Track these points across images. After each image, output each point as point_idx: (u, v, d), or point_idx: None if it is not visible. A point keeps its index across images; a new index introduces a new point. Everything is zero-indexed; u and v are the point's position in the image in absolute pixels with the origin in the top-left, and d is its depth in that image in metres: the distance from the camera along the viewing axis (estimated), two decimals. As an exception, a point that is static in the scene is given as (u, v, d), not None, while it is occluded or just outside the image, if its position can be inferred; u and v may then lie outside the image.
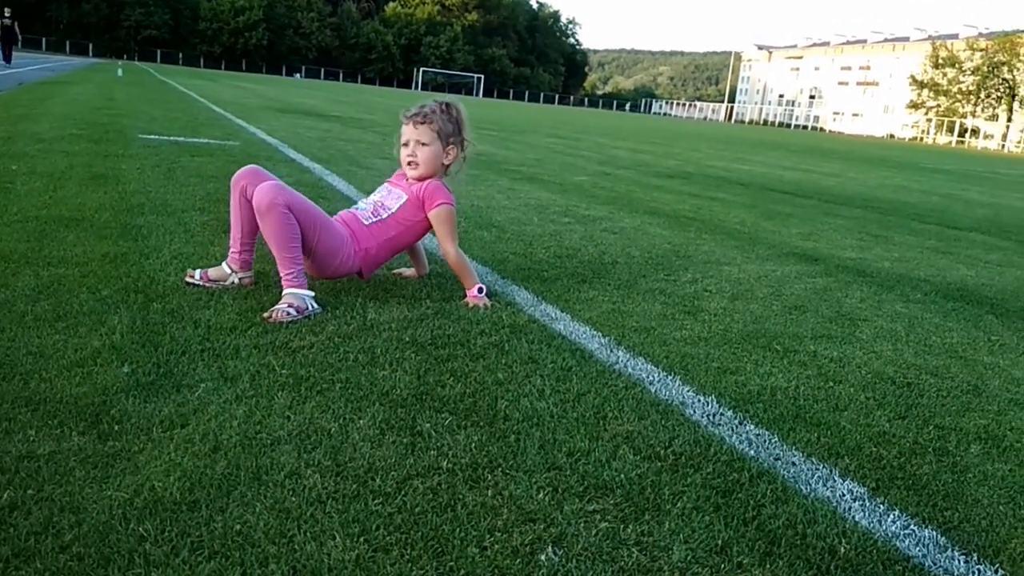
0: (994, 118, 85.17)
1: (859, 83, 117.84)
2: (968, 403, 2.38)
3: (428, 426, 1.88)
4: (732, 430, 2.00)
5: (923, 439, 2.07)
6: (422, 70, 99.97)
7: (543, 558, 1.41)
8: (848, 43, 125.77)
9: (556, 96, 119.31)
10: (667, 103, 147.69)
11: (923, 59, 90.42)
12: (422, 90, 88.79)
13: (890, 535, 1.59)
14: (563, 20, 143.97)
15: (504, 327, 2.67)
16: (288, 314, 2.55)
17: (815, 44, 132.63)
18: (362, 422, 1.88)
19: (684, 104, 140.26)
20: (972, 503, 1.77)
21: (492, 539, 1.46)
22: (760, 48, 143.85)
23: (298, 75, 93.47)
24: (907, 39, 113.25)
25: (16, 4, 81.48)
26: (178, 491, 1.52)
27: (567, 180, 7.62)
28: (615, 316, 2.92)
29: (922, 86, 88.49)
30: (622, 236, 4.65)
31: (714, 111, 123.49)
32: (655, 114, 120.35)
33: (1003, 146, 76.41)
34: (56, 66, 32.07)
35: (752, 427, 2.03)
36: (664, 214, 5.81)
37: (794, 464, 1.85)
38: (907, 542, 1.57)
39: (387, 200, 2.98)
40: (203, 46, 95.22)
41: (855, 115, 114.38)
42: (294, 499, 1.53)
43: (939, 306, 3.60)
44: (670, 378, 2.32)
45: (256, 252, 2.91)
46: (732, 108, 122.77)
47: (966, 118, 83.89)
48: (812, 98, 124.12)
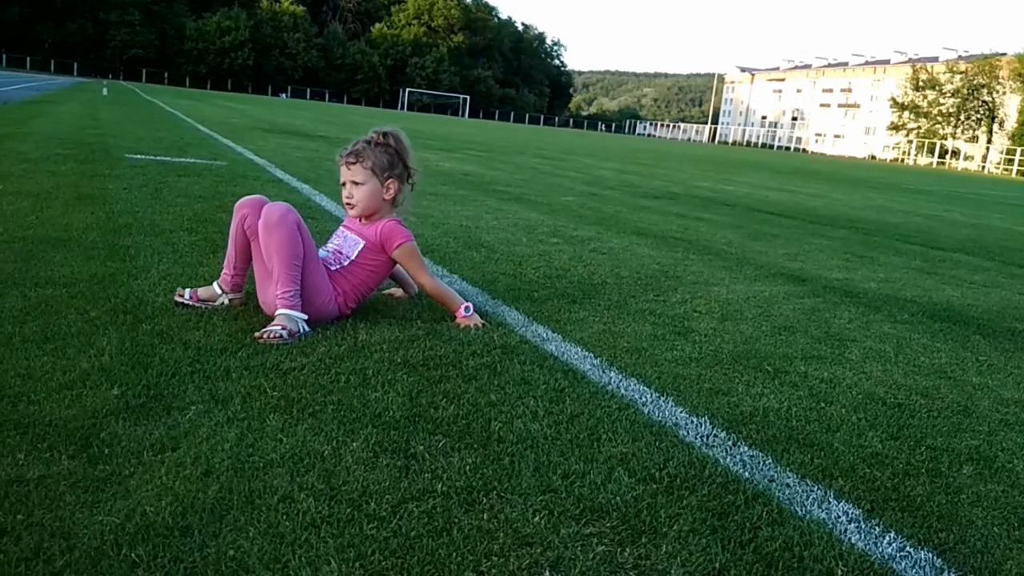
0: (974, 140, 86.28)
1: (840, 105, 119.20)
2: (959, 424, 2.39)
3: (422, 448, 1.87)
4: (726, 452, 2.00)
5: (916, 460, 2.08)
6: (408, 91, 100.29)
7: (541, 582, 1.40)
8: (829, 66, 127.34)
9: (541, 117, 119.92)
10: (651, 124, 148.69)
11: (904, 81, 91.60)
12: (408, 110, 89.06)
13: (887, 557, 1.59)
14: (548, 42, 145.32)
15: (496, 348, 2.67)
16: (280, 336, 2.54)
17: (797, 67, 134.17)
18: (355, 445, 1.86)
19: (668, 125, 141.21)
20: (966, 524, 1.77)
21: (489, 563, 1.44)
22: (743, 70, 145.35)
23: (284, 95, 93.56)
24: (888, 62, 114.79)
25: (1, 24, 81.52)
26: (170, 516, 1.50)
27: (554, 200, 7.64)
28: (606, 337, 2.92)
29: (903, 108, 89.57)
30: (611, 256, 4.66)
31: (698, 132, 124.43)
32: (639, 135, 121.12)
33: (983, 167, 77.34)
34: (41, 85, 31.98)
35: (746, 448, 2.03)
36: (652, 234, 5.83)
37: (788, 486, 1.85)
38: (903, 564, 1.57)
39: (344, 247, 2.92)
40: (189, 66, 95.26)
41: (837, 136, 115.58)
42: (288, 523, 1.51)
43: (927, 327, 3.63)
44: (663, 399, 2.32)
45: (248, 274, 2.90)
46: (716, 129, 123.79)
47: (946, 140, 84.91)
48: (794, 120, 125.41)
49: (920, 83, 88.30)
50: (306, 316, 2.66)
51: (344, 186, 2.93)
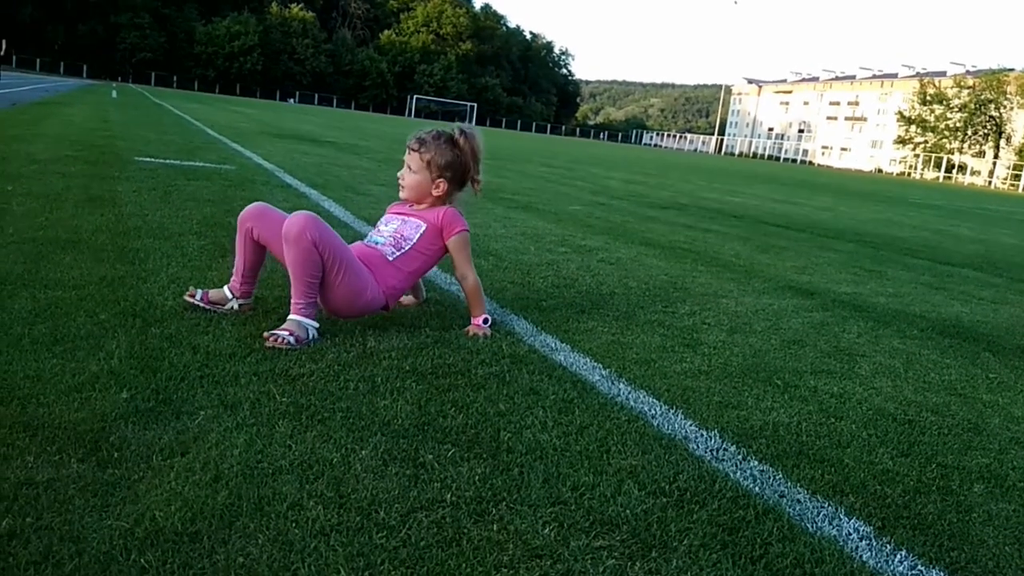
0: (981, 155, 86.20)
1: (847, 118, 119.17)
2: (969, 441, 2.38)
3: (431, 457, 1.86)
4: (736, 466, 1.99)
5: (926, 478, 2.06)
6: (416, 97, 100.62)
7: (551, 595, 1.39)
8: (837, 79, 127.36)
9: (548, 126, 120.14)
10: (658, 134, 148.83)
11: (911, 95, 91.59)
12: (415, 117, 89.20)
13: (898, 576, 1.58)
14: (556, 51, 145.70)
15: (504, 357, 2.66)
16: (288, 342, 2.53)
17: (804, 79, 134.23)
18: (364, 452, 1.86)
19: (675, 136, 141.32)
20: (978, 544, 1.76)
21: (499, 575, 1.44)
22: (750, 82, 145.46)
23: (292, 100, 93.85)
24: (895, 76, 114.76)
25: (11, 25, 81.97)
26: (179, 521, 1.50)
27: (562, 209, 7.64)
28: (615, 348, 2.91)
29: (910, 122, 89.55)
30: (619, 267, 4.66)
31: (704, 143, 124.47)
32: (646, 145, 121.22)
33: (990, 182, 77.23)
34: (50, 87, 32.12)
35: (756, 463, 2.02)
36: (660, 245, 5.82)
37: (799, 501, 1.84)
38: (916, 583, 1.56)
39: (406, 231, 2.94)
40: (198, 69, 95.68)
41: (843, 150, 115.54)
42: (297, 531, 1.51)
43: (936, 343, 3.61)
44: (672, 412, 2.31)
45: (262, 274, 2.90)
46: (722, 141, 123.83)
47: (953, 154, 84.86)
48: (801, 132, 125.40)
49: (927, 97, 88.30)
50: (317, 324, 2.65)
51: (403, 166, 3.01)
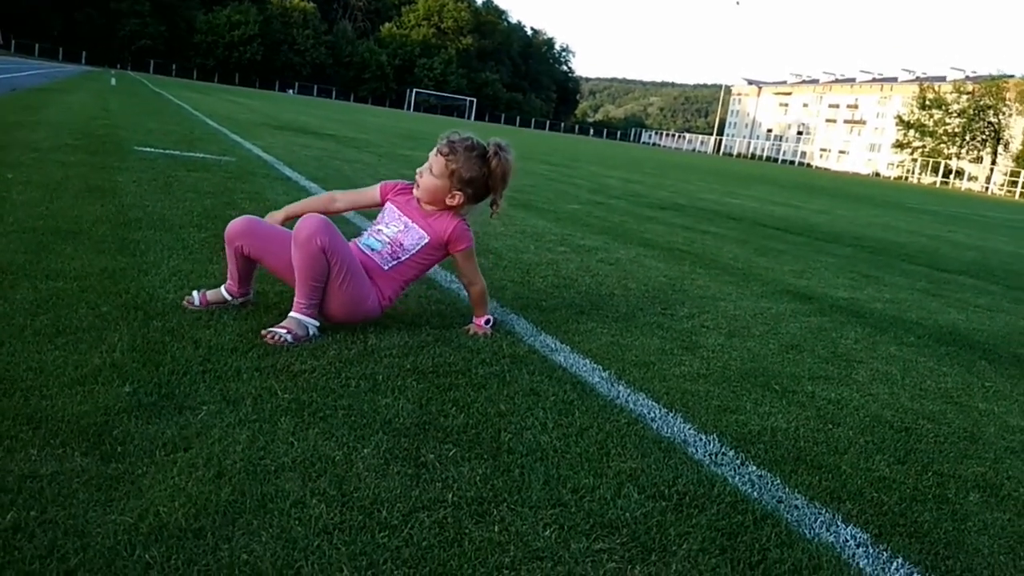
0: (978, 160, 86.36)
1: (846, 121, 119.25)
2: (965, 450, 2.39)
3: (432, 457, 1.87)
4: (734, 471, 2.01)
5: (923, 486, 2.08)
6: (415, 91, 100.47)
7: (552, 598, 1.40)
8: (836, 81, 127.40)
9: (547, 122, 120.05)
10: (656, 133, 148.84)
11: (910, 100, 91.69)
12: (415, 111, 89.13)
13: (894, 584, 1.59)
14: (557, 47, 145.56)
15: (504, 357, 2.67)
16: (284, 339, 2.54)
17: (804, 81, 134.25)
18: (366, 451, 1.87)
19: (673, 135, 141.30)
20: (973, 552, 1.77)
21: (500, 576, 1.45)
22: (750, 83, 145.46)
23: (291, 91, 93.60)
24: (895, 80, 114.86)
25: (9, 10, 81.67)
26: (183, 517, 1.50)
27: (561, 208, 7.65)
28: (614, 349, 2.92)
29: (908, 126, 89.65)
30: (618, 267, 4.67)
31: (703, 143, 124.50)
32: (644, 144, 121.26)
33: (986, 188, 77.42)
34: (49, 73, 32.01)
35: (754, 468, 2.04)
36: (658, 246, 5.84)
37: (797, 508, 1.85)
38: (911, 591, 1.58)
39: (406, 240, 2.87)
40: (197, 58, 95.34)
41: (842, 152, 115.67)
42: (300, 529, 1.52)
43: (932, 350, 3.63)
44: (671, 415, 2.32)
45: (258, 271, 2.90)
46: (720, 141, 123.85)
47: (951, 159, 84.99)
48: (800, 134, 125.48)
49: (927, 102, 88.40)
50: (317, 323, 2.66)
51: (426, 163, 2.87)
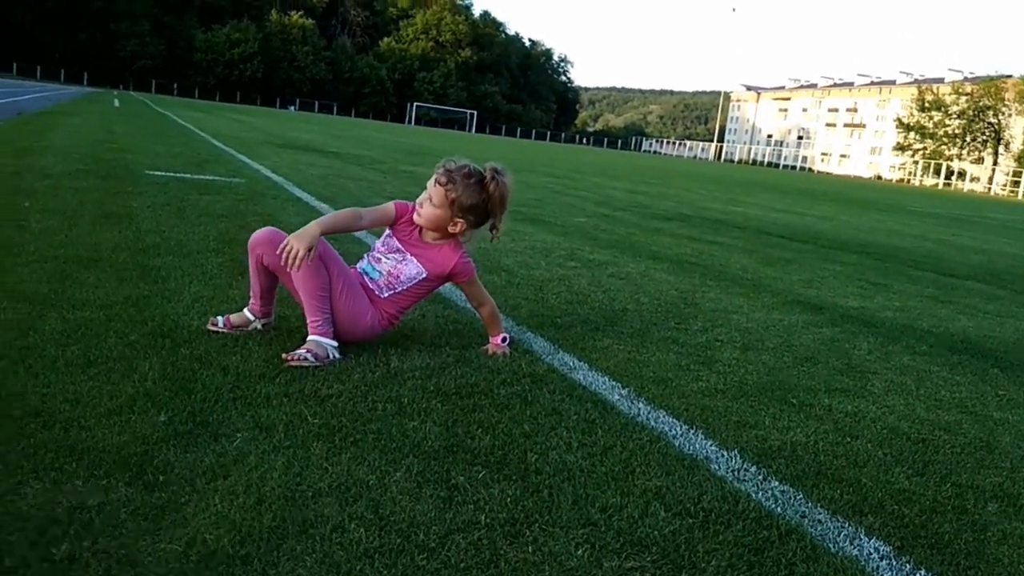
0: (979, 161, 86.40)
1: (846, 125, 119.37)
2: (982, 460, 2.44)
3: (462, 479, 1.92)
4: (757, 486, 2.05)
5: (942, 497, 2.12)
6: (416, 105, 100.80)
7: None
8: (835, 85, 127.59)
9: (548, 133, 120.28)
10: (657, 141, 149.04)
11: (909, 102, 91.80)
12: (416, 124, 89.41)
13: (920, 595, 1.63)
14: (555, 58, 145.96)
15: (525, 376, 2.72)
16: (306, 359, 2.60)
17: (802, 86, 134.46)
18: (398, 474, 1.91)
19: (674, 142, 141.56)
20: (993, 562, 1.82)
21: (538, 597, 1.49)
22: (748, 89, 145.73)
23: (292, 108, 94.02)
24: (893, 83, 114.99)
25: (11, 32, 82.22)
26: (229, 544, 1.55)
27: (568, 222, 7.71)
28: (632, 366, 2.97)
29: (908, 129, 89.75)
30: (629, 282, 4.72)
31: (703, 150, 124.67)
32: (645, 152, 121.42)
33: (989, 189, 77.41)
34: (52, 95, 32.21)
35: (776, 483, 2.08)
36: (667, 259, 5.89)
37: (820, 522, 1.90)
38: (936, 602, 1.62)
39: (403, 273, 2.90)
40: (198, 77, 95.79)
41: (843, 156, 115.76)
42: (342, 553, 1.57)
43: (945, 359, 3.67)
44: (692, 432, 2.37)
45: (278, 294, 2.96)
46: (721, 147, 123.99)
47: (952, 161, 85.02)
48: (800, 139, 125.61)
49: (926, 104, 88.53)
50: (336, 343, 2.71)
51: (425, 192, 2.89)
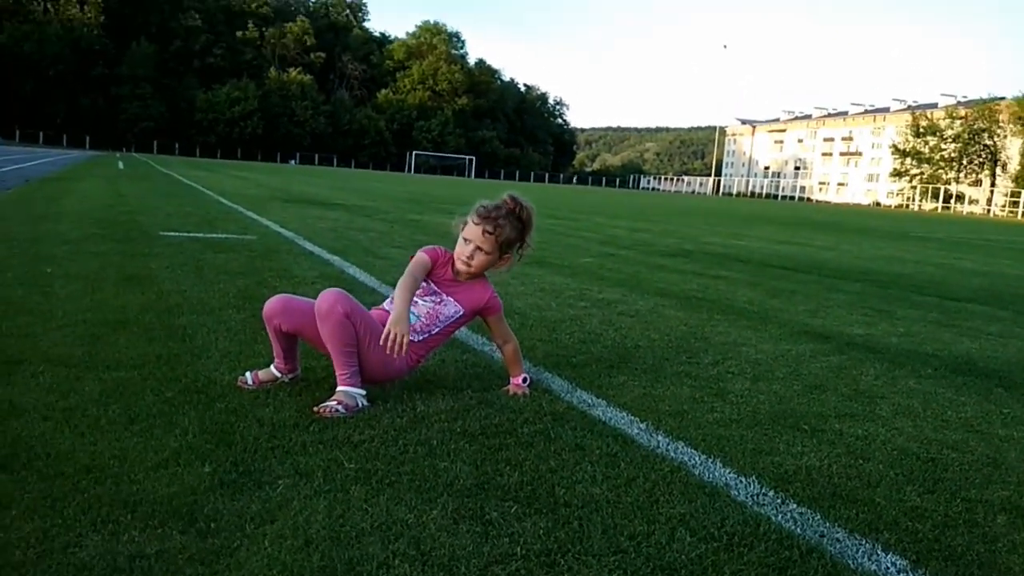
0: (977, 183, 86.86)
1: (842, 153, 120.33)
2: (990, 475, 2.53)
3: (496, 514, 2.02)
4: (776, 509, 2.15)
5: (953, 512, 2.22)
6: (415, 153, 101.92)
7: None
8: (829, 115, 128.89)
9: (546, 175, 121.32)
10: (655, 178, 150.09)
11: (904, 128, 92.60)
12: (416, 172, 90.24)
13: (936, 604, 1.73)
14: (551, 101, 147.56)
15: (546, 415, 2.83)
16: (337, 411, 2.71)
17: (797, 117, 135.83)
18: (435, 512, 2.02)
19: (672, 178, 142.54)
20: (1005, 571, 1.91)
21: (577, 620, 1.59)
22: (743, 122, 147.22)
23: (293, 162, 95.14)
24: (887, 110, 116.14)
25: (14, 100, 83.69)
26: (284, 584, 1.66)
27: (574, 262, 7.85)
28: (648, 400, 3.08)
29: (905, 155, 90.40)
30: (639, 319, 4.84)
31: (701, 184, 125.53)
32: (644, 189, 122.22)
33: (988, 211, 77.67)
34: (57, 160, 32.71)
35: (794, 506, 2.18)
36: (674, 295, 6.01)
37: (839, 540, 2.00)
38: (952, 610, 1.71)
39: (441, 314, 3.03)
40: (199, 136, 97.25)
41: (840, 184, 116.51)
42: (390, 588, 1.67)
43: (950, 381, 3.77)
44: (710, 461, 2.47)
45: (301, 347, 3.08)
46: (719, 181, 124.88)
47: (950, 184, 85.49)
48: (797, 169, 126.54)
49: (921, 129, 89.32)
50: (364, 391, 2.83)
51: (469, 243, 2.99)
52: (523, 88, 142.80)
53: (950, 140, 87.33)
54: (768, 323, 5.00)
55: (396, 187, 30.79)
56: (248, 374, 3.00)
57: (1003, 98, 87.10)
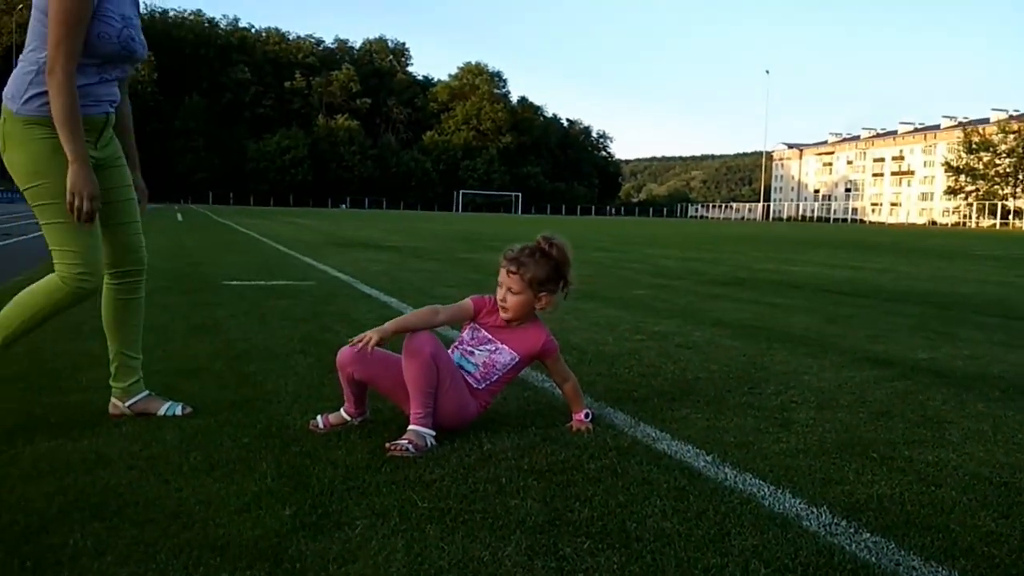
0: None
1: (894, 173, 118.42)
2: (1067, 499, 2.49)
3: (569, 550, 2.06)
4: (850, 539, 2.15)
5: (1031, 537, 2.19)
6: (462, 192, 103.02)
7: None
8: (878, 135, 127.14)
9: (592, 207, 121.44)
10: (702, 205, 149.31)
11: (956, 145, 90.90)
12: (463, 211, 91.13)
13: (1020, 631, 1.71)
14: (594, 135, 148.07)
15: (611, 450, 2.86)
16: (407, 450, 2.78)
17: (845, 139, 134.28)
18: (509, 549, 2.06)
19: (720, 205, 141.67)
20: (1090, 597, 1.88)
21: (657, 652, 1.62)
22: (790, 146, 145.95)
23: (344, 206, 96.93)
24: (938, 127, 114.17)
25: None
26: (370, 622, 1.71)
27: (627, 295, 7.87)
28: (713, 433, 3.09)
29: (958, 172, 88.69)
30: (697, 351, 4.85)
31: (750, 210, 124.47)
32: (691, 217, 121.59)
33: (1050, 225, 75.56)
34: (119, 215, 33.73)
35: (868, 535, 2.18)
36: (730, 324, 5.99)
37: (915, 568, 1.99)
38: (1037, 637, 1.70)
39: (497, 361, 3.10)
40: (252, 185, 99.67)
41: (894, 204, 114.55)
42: (472, 624, 1.71)
43: (1019, 403, 3.71)
44: (779, 491, 2.48)
45: (368, 399, 3.16)
46: (768, 206, 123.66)
47: (1007, 200, 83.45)
48: (848, 191, 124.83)
49: (973, 145, 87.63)
50: (434, 432, 2.90)
51: (500, 287, 3.10)
52: (566, 123, 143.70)
53: (1004, 155, 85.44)
54: (828, 350, 4.96)
55: (444, 226, 31.16)
56: (319, 417, 3.09)
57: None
